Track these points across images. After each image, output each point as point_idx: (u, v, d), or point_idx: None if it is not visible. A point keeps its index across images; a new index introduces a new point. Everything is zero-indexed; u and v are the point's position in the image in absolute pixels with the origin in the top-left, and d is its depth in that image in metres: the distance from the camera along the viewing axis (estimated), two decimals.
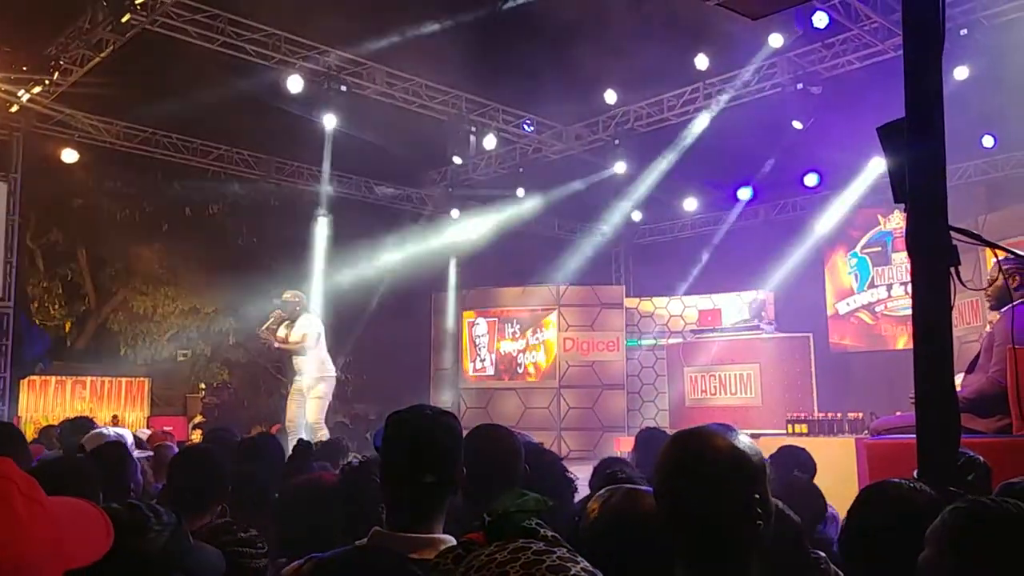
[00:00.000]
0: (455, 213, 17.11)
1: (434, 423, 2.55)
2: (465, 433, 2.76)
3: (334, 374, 10.73)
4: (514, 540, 1.37)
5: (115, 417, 16.55)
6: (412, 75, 13.25)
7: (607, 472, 3.55)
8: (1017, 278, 5.28)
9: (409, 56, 12.50)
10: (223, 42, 11.51)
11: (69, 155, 13.48)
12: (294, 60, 12.14)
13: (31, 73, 11.93)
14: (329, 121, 12.61)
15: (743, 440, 1.87)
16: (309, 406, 10.29)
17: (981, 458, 3.35)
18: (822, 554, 2.63)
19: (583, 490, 4.08)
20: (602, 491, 2.33)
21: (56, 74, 11.85)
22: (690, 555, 1.81)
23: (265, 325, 10.52)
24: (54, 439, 9.00)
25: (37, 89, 12.16)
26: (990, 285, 5.48)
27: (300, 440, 5.56)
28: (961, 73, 10.69)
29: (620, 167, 14.66)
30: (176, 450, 5.95)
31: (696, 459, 1.84)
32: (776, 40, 11.31)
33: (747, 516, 1.81)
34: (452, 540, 2.39)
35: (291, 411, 10.41)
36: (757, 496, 1.81)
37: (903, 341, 14.84)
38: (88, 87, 12.16)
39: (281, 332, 10.42)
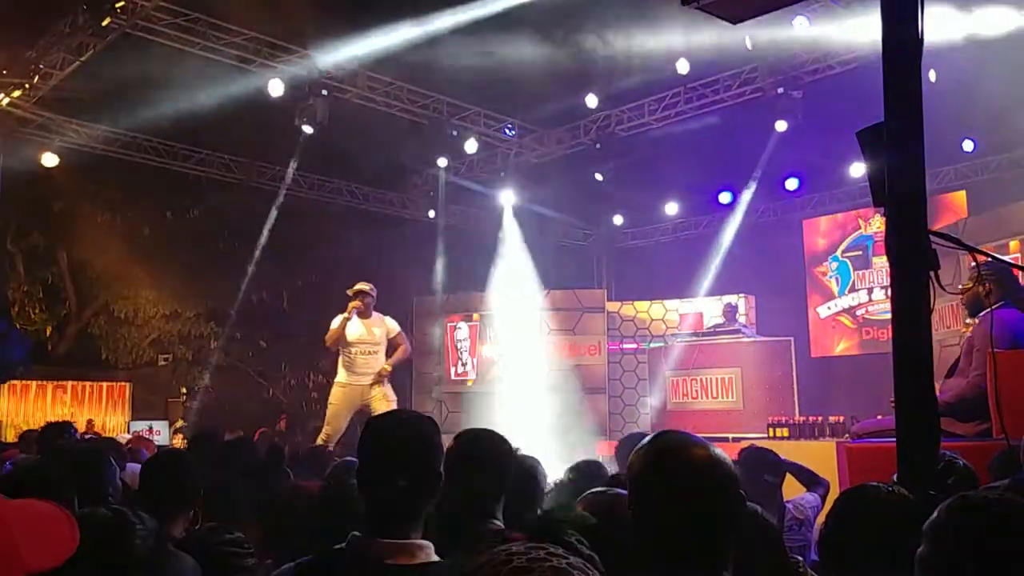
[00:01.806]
0: (432, 213, 17.07)
1: (407, 427, 2.55)
2: (452, 437, 2.75)
3: None
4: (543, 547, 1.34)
5: (90, 422, 16.44)
6: (393, 79, 13.24)
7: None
8: (992, 284, 5.31)
9: (391, 60, 12.49)
10: (203, 46, 11.47)
11: (50, 159, 13.42)
12: (275, 64, 12.11)
13: (11, 77, 11.88)
14: (307, 129, 12.55)
15: (717, 450, 1.90)
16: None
17: (962, 461, 3.36)
18: (799, 558, 2.64)
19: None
20: (587, 493, 2.33)
21: (36, 78, 11.80)
22: (665, 559, 1.82)
23: (343, 317, 9.05)
24: (34, 444, 8.94)
25: (17, 93, 12.10)
26: (967, 291, 5.51)
27: (272, 444, 5.46)
28: (934, 75, 10.76)
29: (600, 172, 14.69)
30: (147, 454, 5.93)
31: (677, 466, 1.86)
32: (756, 44, 11.34)
33: (724, 522, 1.84)
34: (429, 545, 2.39)
35: (342, 419, 9.14)
36: (732, 502, 1.83)
37: (884, 344, 14.90)
38: (69, 91, 12.11)
39: (353, 328, 9.06)
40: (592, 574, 1.19)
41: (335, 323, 9.11)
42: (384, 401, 8.95)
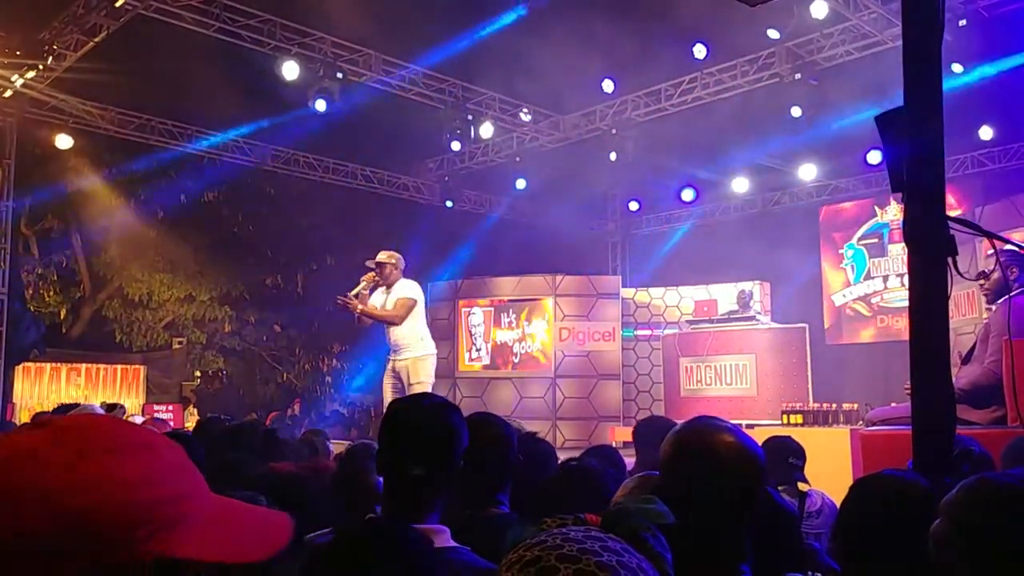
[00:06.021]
0: (449, 203, 17.08)
1: (427, 415, 2.53)
2: None
3: (434, 352, 9.00)
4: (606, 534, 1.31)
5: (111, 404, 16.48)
6: (408, 63, 13.20)
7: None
8: (1015, 270, 5.27)
9: (406, 43, 12.46)
10: (218, 27, 11.44)
11: (63, 141, 13.43)
12: (290, 46, 12.07)
13: (24, 58, 11.86)
14: (320, 106, 12.49)
15: (747, 439, 1.92)
16: (411, 392, 8.00)
17: (977, 448, 3.34)
18: (816, 544, 2.62)
19: None
20: (628, 480, 2.34)
21: (50, 59, 11.78)
22: (691, 545, 1.83)
23: (354, 291, 8.52)
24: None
25: (31, 74, 12.09)
26: (987, 277, 5.48)
27: (266, 429, 5.40)
28: (959, 66, 10.67)
29: (616, 156, 14.64)
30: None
31: (706, 454, 1.89)
32: (774, 31, 11.26)
33: (749, 511, 1.86)
34: (446, 530, 2.37)
35: (386, 396, 8.80)
36: (759, 487, 1.85)
37: (898, 333, 14.85)
38: (82, 72, 12.09)
39: (376, 299, 8.64)
40: None
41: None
42: (406, 384, 8.59)
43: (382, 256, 8.66)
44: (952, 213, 3.05)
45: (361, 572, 2.00)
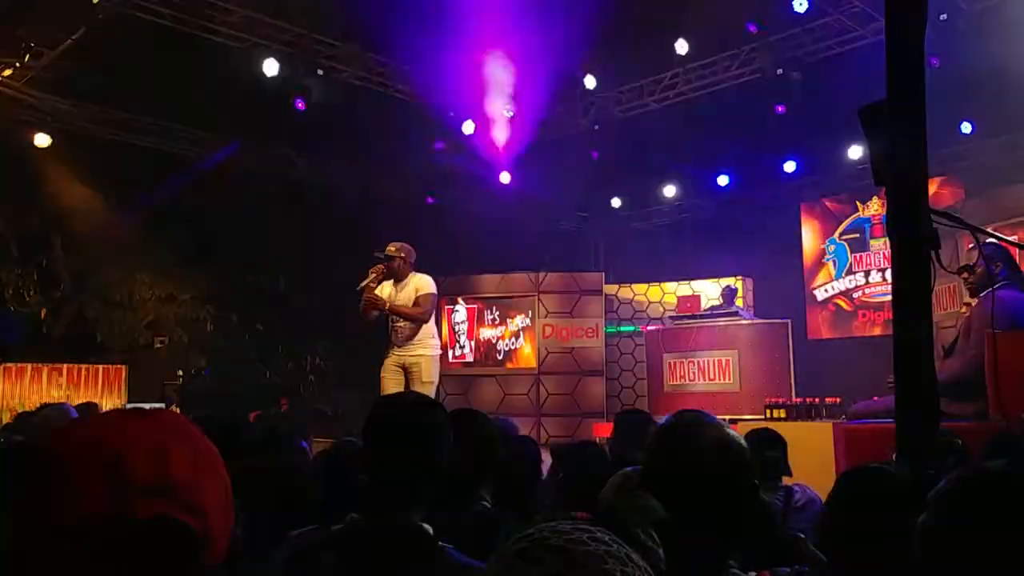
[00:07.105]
0: (428, 197, 17.07)
1: (412, 413, 2.52)
2: None
3: (440, 351, 8.61)
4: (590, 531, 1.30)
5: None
6: (389, 59, 13.16)
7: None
8: (1000, 264, 5.30)
9: (386, 40, 12.43)
10: (198, 24, 11.38)
11: (42, 139, 13.32)
12: (269, 43, 12.02)
13: (1, 56, 11.78)
14: (301, 103, 12.42)
15: (731, 432, 1.92)
16: (420, 392, 7.48)
17: (959, 440, 3.35)
18: (801, 535, 2.62)
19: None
20: (613, 478, 2.34)
21: (27, 57, 11.70)
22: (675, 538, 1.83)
23: (364, 283, 8.10)
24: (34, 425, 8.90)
25: (7, 72, 12.00)
26: (971, 271, 5.50)
27: (270, 426, 5.35)
28: (938, 60, 10.71)
29: (597, 152, 14.65)
30: None
31: (696, 446, 1.88)
32: (755, 24, 11.30)
33: (733, 505, 1.84)
34: (428, 529, 2.37)
35: (387, 392, 8.01)
36: (748, 479, 1.85)
37: (880, 327, 14.91)
38: (60, 71, 12.00)
39: (385, 292, 8.17)
40: (632, 569, 1.15)
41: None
42: (419, 382, 8.14)
43: (391, 248, 8.29)
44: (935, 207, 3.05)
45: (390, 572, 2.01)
